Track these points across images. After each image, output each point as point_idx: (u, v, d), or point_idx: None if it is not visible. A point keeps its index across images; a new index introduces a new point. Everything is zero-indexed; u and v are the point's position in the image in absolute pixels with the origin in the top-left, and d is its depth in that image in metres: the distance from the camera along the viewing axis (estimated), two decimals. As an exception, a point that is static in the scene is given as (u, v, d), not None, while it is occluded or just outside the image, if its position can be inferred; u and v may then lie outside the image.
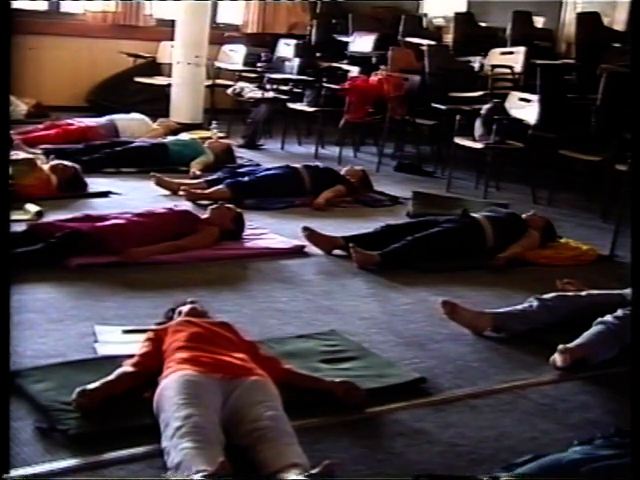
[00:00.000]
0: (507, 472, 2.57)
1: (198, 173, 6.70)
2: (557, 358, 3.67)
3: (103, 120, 7.85)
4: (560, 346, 3.67)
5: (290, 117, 9.03)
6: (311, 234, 5.12)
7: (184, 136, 7.69)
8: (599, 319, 3.85)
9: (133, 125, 7.90)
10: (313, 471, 2.43)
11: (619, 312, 3.85)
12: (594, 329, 3.80)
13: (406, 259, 4.96)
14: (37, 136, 7.30)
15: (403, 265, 4.91)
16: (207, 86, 9.47)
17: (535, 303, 4.05)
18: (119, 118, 7.93)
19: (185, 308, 3.38)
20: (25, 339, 3.43)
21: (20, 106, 8.58)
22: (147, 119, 8.11)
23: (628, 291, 3.87)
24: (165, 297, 3.96)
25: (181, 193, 6.08)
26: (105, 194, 6.06)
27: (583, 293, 4.20)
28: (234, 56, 10.05)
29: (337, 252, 5.08)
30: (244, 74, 9.85)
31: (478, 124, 7.29)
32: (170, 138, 7.56)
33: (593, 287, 4.34)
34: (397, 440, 2.95)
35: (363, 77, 8.46)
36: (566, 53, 8.80)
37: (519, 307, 4.07)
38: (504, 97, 7.38)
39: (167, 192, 6.18)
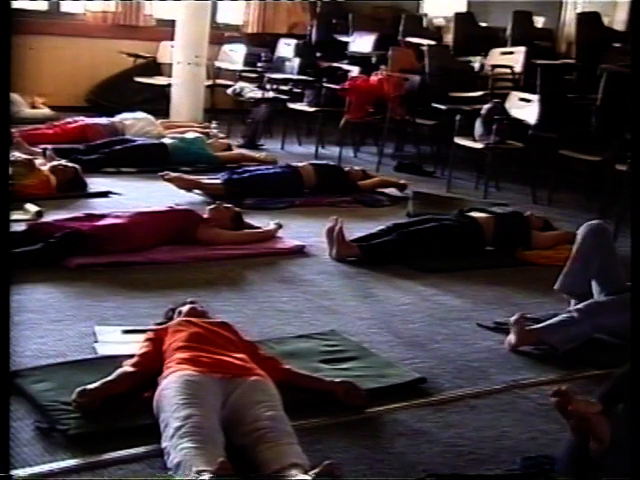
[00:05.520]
0: None
1: None
2: (510, 336, 3.82)
3: (104, 119, 7.86)
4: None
5: (290, 117, 9.04)
6: (336, 233, 4.97)
7: (189, 135, 7.69)
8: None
9: (139, 124, 7.88)
10: (313, 471, 2.43)
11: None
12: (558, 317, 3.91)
13: (390, 253, 4.96)
14: (37, 134, 7.29)
15: (389, 260, 4.92)
16: (207, 86, 9.47)
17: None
18: (125, 117, 7.93)
19: (185, 308, 3.38)
20: (25, 339, 3.43)
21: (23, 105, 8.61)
22: (152, 118, 8.11)
23: None
24: (165, 297, 3.96)
25: (167, 176, 6.02)
26: (105, 194, 6.06)
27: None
28: (234, 56, 10.05)
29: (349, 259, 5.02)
30: (244, 74, 9.85)
31: (478, 124, 7.28)
32: (176, 136, 7.54)
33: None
34: (397, 440, 2.95)
35: (363, 77, 8.45)
36: (566, 53, 8.79)
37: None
38: (504, 97, 7.38)
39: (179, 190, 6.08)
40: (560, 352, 3.78)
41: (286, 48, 10.02)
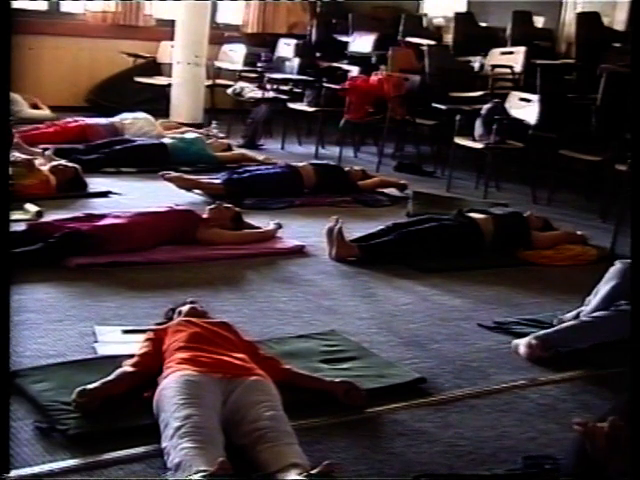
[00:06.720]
0: None
1: None
2: (522, 350, 3.76)
3: (104, 119, 7.85)
4: (528, 340, 3.77)
5: (290, 117, 9.03)
6: (335, 233, 4.96)
7: (189, 135, 7.69)
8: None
9: (139, 124, 7.88)
10: (313, 471, 2.42)
11: (601, 312, 3.91)
12: (567, 323, 3.91)
13: (390, 253, 4.96)
14: (36, 134, 7.29)
15: (389, 260, 4.92)
16: (207, 86, 9.48)
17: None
18: (125, 117, 7.93)
19: (185, 308, 3.38)
20: (25, 339, 3.43)
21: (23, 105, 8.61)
22: (151, 118, 8.11)
23: None
24: (165, 297, 3.96)
25: (167, 176, 6.00)
26: (105, 194, 6.06)
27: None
28: (234, 56, 10.04)
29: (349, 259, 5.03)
30: (244, 74, 9.85)
31: (478, 124, 7.29)
32: (176, 136, 7.54)
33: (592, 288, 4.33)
34: (397, 440, 2.96)
35: (363, 77, 8.45)
36: (566, 53, 8.79)
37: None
38: (504, 97, 7.38)
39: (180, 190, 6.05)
40: (561, 353, 3.78)
41: (286, 48, 10.02)
